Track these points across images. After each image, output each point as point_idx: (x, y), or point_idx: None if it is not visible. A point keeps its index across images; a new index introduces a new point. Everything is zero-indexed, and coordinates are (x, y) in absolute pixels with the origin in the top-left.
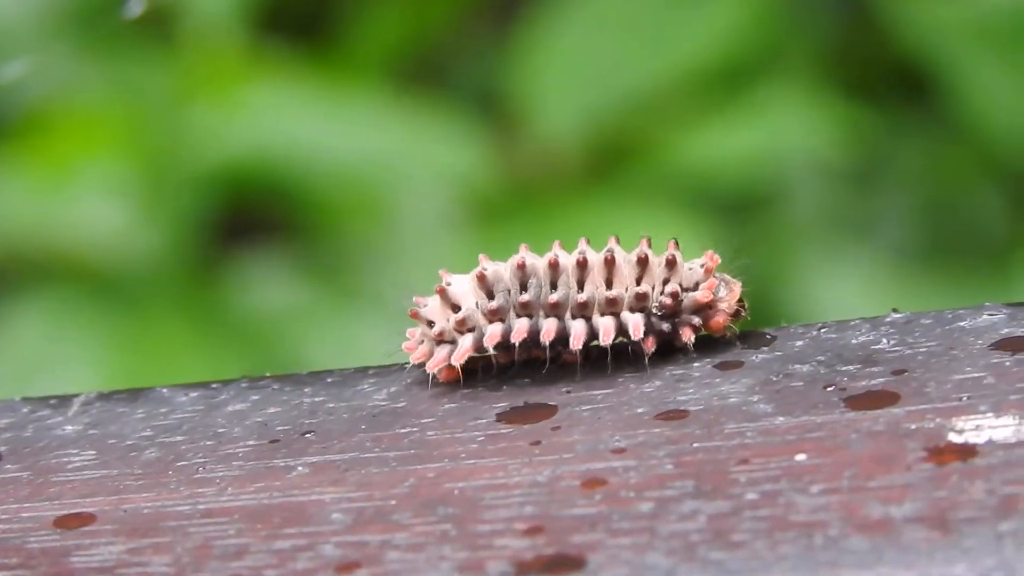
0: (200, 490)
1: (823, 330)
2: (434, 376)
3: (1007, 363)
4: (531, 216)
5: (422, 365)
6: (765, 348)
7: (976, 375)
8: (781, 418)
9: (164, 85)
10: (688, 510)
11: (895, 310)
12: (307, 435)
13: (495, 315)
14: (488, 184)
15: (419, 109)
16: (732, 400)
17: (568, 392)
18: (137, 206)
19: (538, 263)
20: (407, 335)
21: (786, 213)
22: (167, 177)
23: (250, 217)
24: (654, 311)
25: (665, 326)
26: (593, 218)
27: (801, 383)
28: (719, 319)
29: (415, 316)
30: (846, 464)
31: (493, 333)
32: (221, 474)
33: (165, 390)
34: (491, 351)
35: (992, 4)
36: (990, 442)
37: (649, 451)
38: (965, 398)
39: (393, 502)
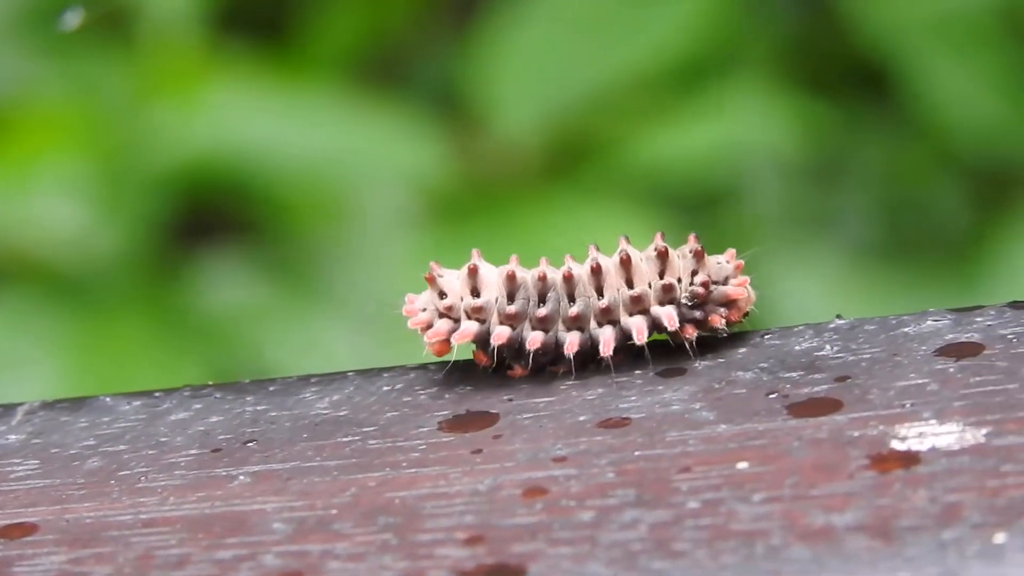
0: (142, 499)
1: (767, 336)
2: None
3: (951, 369)
4: (490, 214)
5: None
6: (709, 355)
7: (920, 381)
8: (723, 426)
9: (123, 85)
10: (629, 519)
11: (839, 316)
12: (249, 444)
13: (510, 319)
14: (447, 182)
15: (378, 108)
16: (674, 408)
17: (510, 400)
18: (96, 206)
19: (556, 276)
20: (406, 300)
21: (745, 209)
22: (126, 177)
23: (210, 217)
24: (684, 301)
25: (698, 314)
26: (552, 216)
27: (744, 390)
28: (733, 315)
29: (430, 281)
30: (788, 472)
31: (501, 333)
32: (163, 483)
33: (108, 399)
34: (493, 347)
35: (947, 1)
36: (933, 449)
37: (591, 459)
38: (908, 405)
39: (335, 511)
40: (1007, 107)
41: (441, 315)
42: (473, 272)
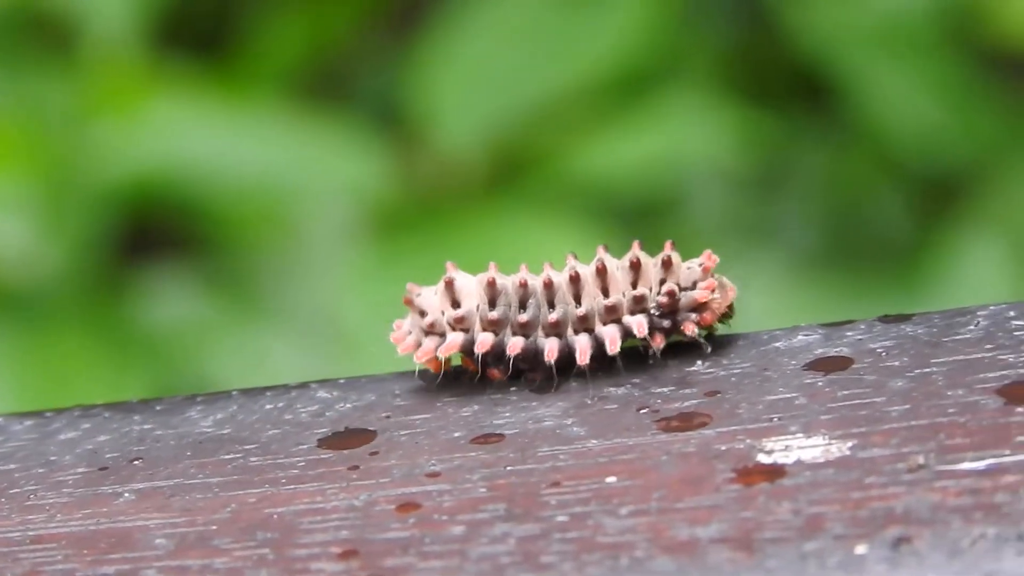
0: (30, 516)
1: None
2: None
3: (819, 383)
4: (433, 227)
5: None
6: (577, 374)
7: (788, 396)
8: (594, 441)
9: (65, 100)
10: (499, 533)
11: (709, 334)
12: (135, 462)
13: (493, 325)
14: (390, 196)
15: (321, 121)
16: (547, 423)
17: (388, 417)
18: (39, 222)
19: (535, 283)
20: (393, 327)
21: (687, 219)
22: (69, 193)
23: (154, 232)
24: (652, 311)
25: (666, 323)
26: (495, 229)
27: (615, 406)
28: (706, 317)
29: (408, 303)
30: (655, 486)
31: (484, 340)
32: (51, 501)
33: (0, 419)
34: (478, 357)
35: (888, 9)
36: (799, 462)
37: (463, 475)
38: (776, 419)
39: (215, 527)
40: (948, 114)
41: (426, 333)
42: (450, 284)
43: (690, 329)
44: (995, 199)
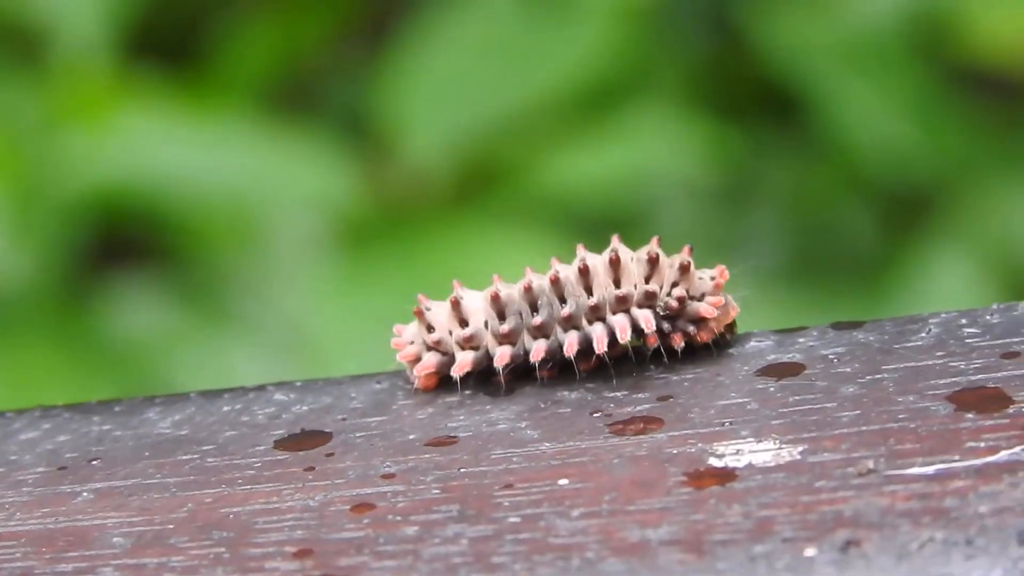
0: None
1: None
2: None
3: (771, 388)
4: (400, 239)
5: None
6: (529, 380)
7: (740, 400)
8: (547, 444)
9: (34, 110)
10: (451, 533)
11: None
12: (93, 462)
13: (507, 338)
14: (358, 207)
15: (289, 133)
16: (501, 426)
17: (344, 420)
18: (7, 231)
19: (542, 282)
20: (395, 331)
21: (655, 232)
22: (38, 202)
23: (122, 242)
24: (659, 310)
25: (665, 326)
26: (462, 240)
27: (569, 409)
28: (702, 335)
29: (419, 315)
30: (607, 488)
31: (503, 354)
32: (11, 500)
33: None
34: (500, 371)
35: (857, 24)
36: (749, 466)
37: (417, 476)
38: (728, 423)
39: (171, 526)
40: (915, 130)
41: (429, 348)
42: (456, 304)
43: (678, 342)
44: (962, 214)
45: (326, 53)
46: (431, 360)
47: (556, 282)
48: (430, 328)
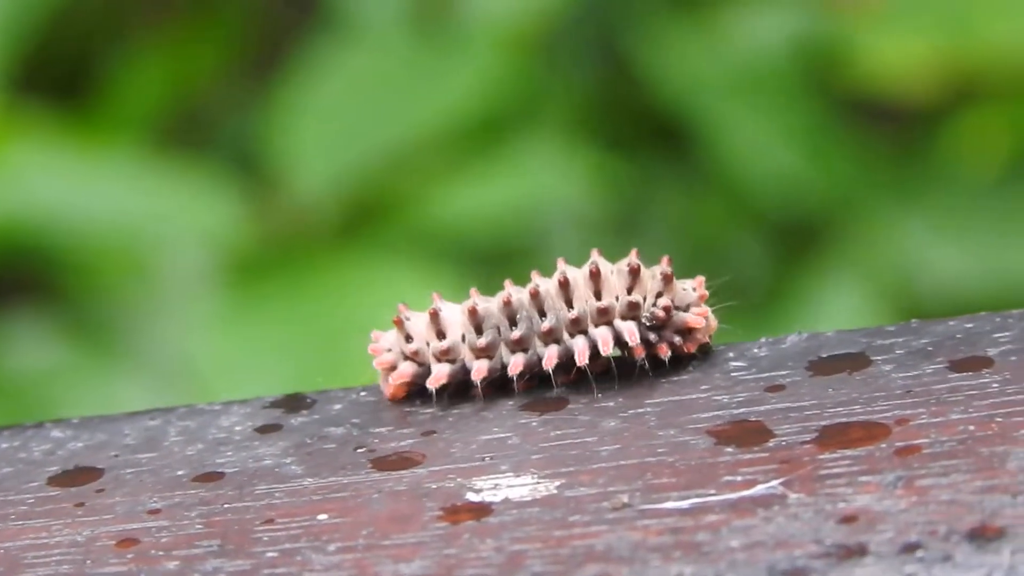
0: None
1: (362, 394)
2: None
3: (534, 423)
4: (289, 273)
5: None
6: (304, 412)
7: (502, 435)
8: (309, 479)
9: None
10: (210, 568)
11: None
12: None
13: (484, 352)
14: (246, 242)
15: (179, 168)
16: (267, 462)
17: (116, 456)
18: None
19: (521, 295)
20: (372, 337)
21: (545, 263)
22: None
23: (10, 278)
24: (644, 321)
25: (652, 337)
26: (351, 274)
27: (334, 445)
28: (689, 346)
29: (398, 324)
30: (365, 523)
31: (480, 368)
32: None
33: None
34: (477, 384)
35: (745, 56)
36: (506, 500)
37: (182, 512)
38: (488, 458)
39: None
40: (804, 159)
41: (407, 358)
42: (435, 316)
43: (665, 352)
44: (853, 241)
45: (216, 87)
46: (407, 370)
47: (536, 295)
48: (408, 338)
